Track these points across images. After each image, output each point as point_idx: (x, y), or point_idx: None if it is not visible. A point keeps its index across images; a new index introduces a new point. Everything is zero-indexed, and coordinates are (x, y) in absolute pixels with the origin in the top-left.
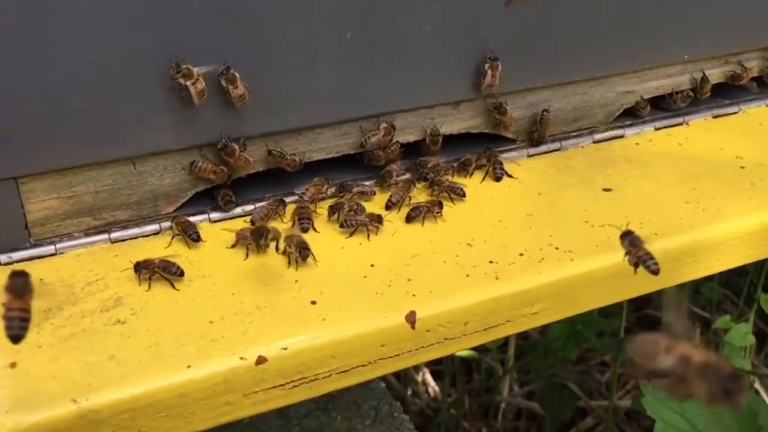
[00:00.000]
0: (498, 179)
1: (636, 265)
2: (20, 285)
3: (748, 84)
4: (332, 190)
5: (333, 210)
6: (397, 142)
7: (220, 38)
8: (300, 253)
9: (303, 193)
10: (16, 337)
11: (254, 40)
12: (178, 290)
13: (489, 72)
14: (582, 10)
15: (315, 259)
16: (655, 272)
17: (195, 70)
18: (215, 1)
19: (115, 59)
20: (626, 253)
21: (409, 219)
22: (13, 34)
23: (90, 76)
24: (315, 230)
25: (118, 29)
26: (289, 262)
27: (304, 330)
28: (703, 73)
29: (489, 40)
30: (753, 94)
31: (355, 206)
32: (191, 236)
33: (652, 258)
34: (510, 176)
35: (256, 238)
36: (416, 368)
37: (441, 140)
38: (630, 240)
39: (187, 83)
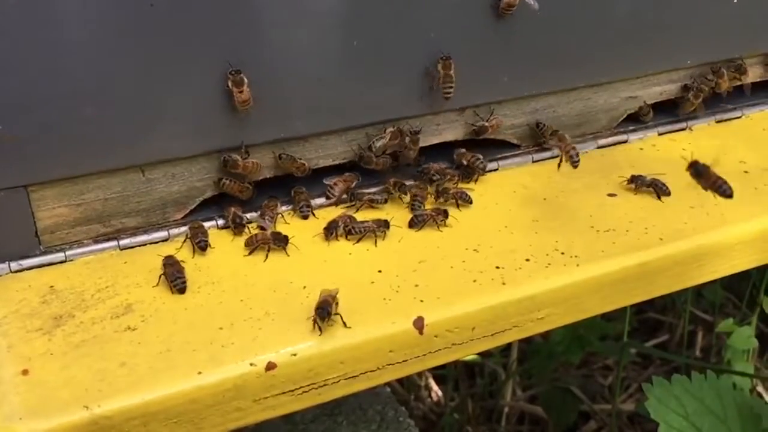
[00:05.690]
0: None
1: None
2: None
3: (745, 86)
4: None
5: (329, 231)
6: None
7: (228, 46)
8: (318, 313)
9: (332, 187)
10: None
11: (261, 48)
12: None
13: None
14: (585, 17)
15: (344, 324)
16: (575, 165)
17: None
18: (223, 8)
19: (125, 67)
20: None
21: (411, 225)
22: (23, 42)
23: (99, 85)
24: (314, 216)
25: (127, 37)
26: (314, 326)
27: (312, 336)
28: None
29: (493, 46)
30: (756, 99)
31: (347, 220)
32: (199, 244)
33: (576, 153)
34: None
35: (275, 239)
36: (419, 373)
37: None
38: (559, 137)
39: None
